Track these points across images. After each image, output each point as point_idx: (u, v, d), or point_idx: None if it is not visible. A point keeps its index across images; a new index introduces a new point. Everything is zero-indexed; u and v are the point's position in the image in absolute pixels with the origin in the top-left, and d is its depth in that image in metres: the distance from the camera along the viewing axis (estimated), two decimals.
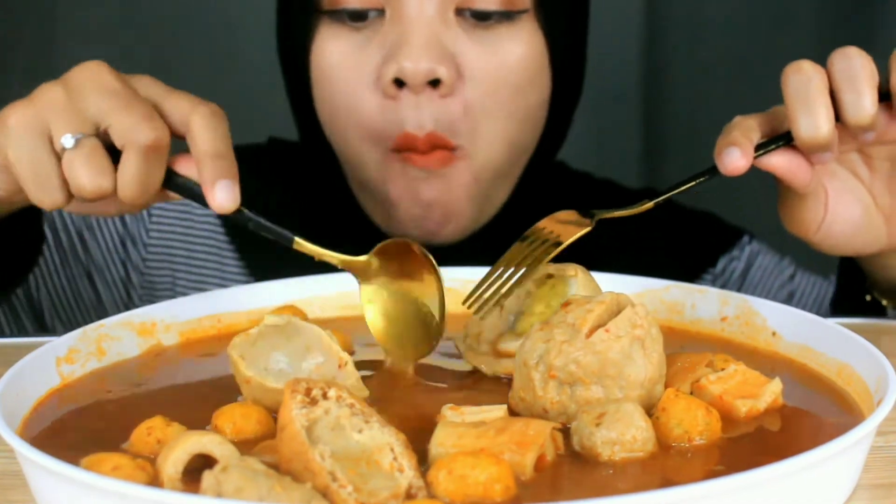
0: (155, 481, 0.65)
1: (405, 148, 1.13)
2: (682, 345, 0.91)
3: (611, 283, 0.86)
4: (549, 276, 0.86)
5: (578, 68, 1.26)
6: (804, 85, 0.89)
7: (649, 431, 0.69)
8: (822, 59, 0.93)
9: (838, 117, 0.90)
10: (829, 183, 0.97)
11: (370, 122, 1.14)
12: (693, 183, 0.91)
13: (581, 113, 1.29)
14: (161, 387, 0.87)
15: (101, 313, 0.99)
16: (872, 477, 0.71)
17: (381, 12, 1.13)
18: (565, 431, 0.71)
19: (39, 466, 0.63)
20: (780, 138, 0.92)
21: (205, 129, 0.85)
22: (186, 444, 0.65)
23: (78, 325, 0.89)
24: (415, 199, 1.16)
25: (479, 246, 1.22)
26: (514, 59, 1.15)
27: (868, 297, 1.10)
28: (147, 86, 0.88)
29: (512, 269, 0.87)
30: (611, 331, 0.73)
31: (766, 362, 0.86)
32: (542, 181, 1.27)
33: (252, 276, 1.29)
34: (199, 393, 0.84)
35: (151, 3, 2.25)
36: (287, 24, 1.22)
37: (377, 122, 1.14)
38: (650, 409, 0.72)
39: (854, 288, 1.13)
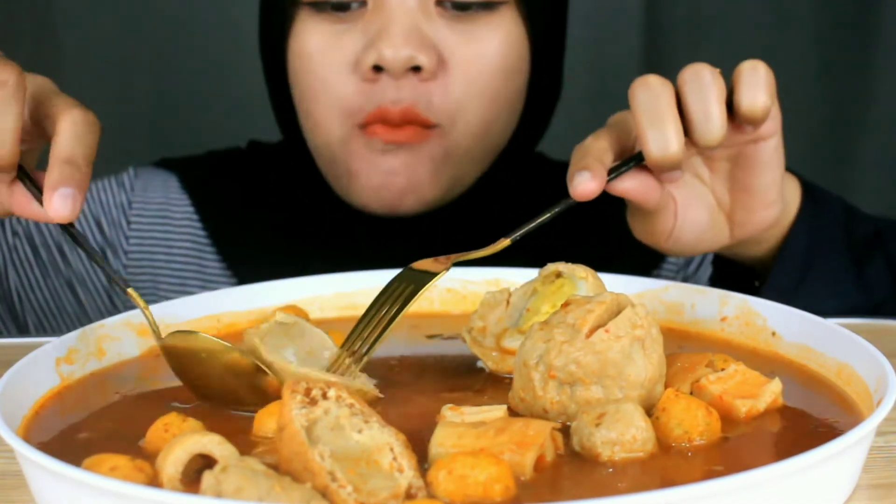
0: (154, 482, 0.65)
1: (375, 120, 1.14)
2: (681, 345, 0.91)
3: (611, 283, 0.86)
4: (559, 276, 0.86)
5: (557, 59, 1.26)
6: (653, 101, 0.88)
7: (649, 431, 0.69)
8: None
9: (686, 132, 0.89)
10: (676, 192, 0.97)
11: (345, 100, 1.15)
12: (549, 214, 0.89)
13: (580, 111, 1.29)
14: (166, 387, 0.86)
15: (85, 322, 1.00)
16: (872, 477, 0.71)
17: (363, 3, 1.14)
18: (565, 431, 0.71)
19: (39, 467, 0.63)
20: (631, 160, 0.91)
21: (68, 133, 0.82)
22: (186, 444, 0.65)
23: (62, 335, 0.89)
24: (375, 168, 1.17)
25: (445, 222, 1.23)
26: (494, 48, 1.16)
27: (756, 283, 1.10)
28: (36, 81, 0.86)
29: (374, 326, 0.83)
30: (611, 331, 0.73)
31: (766, 362, 0.86)
32: (519, 170, 1.27)
33: (234, 276, 1.30)
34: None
35: (151, 4, 2.25)
36: (268, 14, 1.24)
37: (353, 101, 1.15)
38: (650, 410, 0.72)
39: (728, 274, 1.14)
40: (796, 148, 1.11)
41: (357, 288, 1.00)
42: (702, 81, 0.89)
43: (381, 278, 0.98)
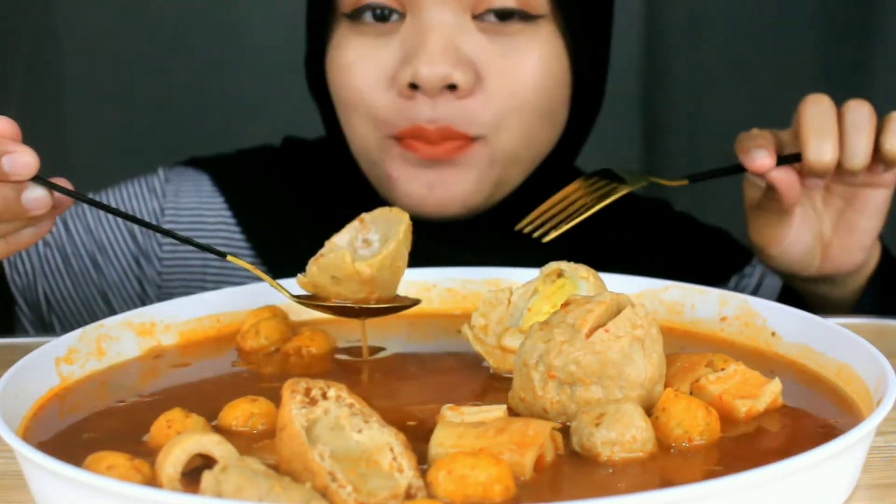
0: (151, 481, 0.65)
1: (412, 136, 1.14)
2: (681, 345, 0.91)
3: (611, 282, 0.86)
4: (560, 275, 0.86)
5: (601, 72, 1.26)
6: (823, 116, 1.03)
7: (649, 431, 0.69)
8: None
9: None
10: (797, 211, 1.09)
11: (381, 113, 1.15)
12: (723, 173, 1.06)
13: None
14: (167, 385, 0.87)
15: None
16: (872, 477, 0.71)
17: (402, 15, 1.14)
18: (565, 431, 0.71)
19: (39, 467, 0.63)
20: (790, 157, 1.05)
21: None
22: (186, 444, 0.65)
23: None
24: (414, 179, 1.16)
25: (485, 226, 1.22)
26: (531, 63, 1.15)
27: None
28: None
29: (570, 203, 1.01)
30: (610, 331, 0.73)
31: (766, 362, 0.86)
32: (555, 179, 1.27)
33: (274, 278, 1.29)
34: (204, 390, 0.85)
35: (151, 7, 2.25)
36: (310, 25, 1.23)
37: (388, 115, 1.14)
38: (650, 410, 0.72)
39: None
40: None
41: None
42: (863, 115, 1.04)
43: None
